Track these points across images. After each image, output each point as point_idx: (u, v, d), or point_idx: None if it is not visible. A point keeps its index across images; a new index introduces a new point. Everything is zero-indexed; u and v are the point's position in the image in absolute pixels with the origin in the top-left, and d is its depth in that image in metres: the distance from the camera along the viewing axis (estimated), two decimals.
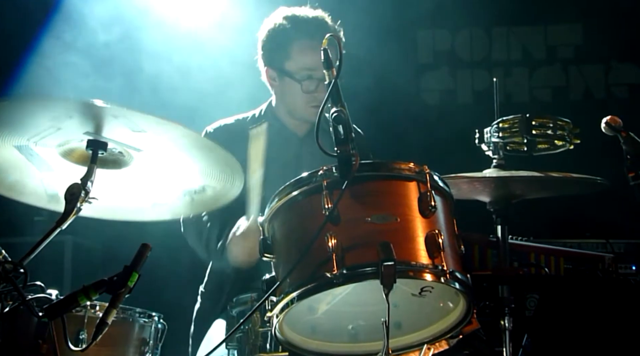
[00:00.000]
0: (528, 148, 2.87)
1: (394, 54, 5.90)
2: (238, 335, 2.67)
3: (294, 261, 2.18)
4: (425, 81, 6.40)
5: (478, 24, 6.32)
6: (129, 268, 2.25)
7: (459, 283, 2.19)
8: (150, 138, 2.31)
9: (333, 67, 2.31)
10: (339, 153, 2.22)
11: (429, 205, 2.21)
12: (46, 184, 2.46)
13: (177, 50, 4.66)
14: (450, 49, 6.40)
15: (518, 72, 6.34)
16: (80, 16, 4.61)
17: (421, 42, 6.44)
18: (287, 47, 3.38)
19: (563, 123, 2.90)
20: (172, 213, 2.61)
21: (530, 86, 6.32)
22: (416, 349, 2.34)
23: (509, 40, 6.36)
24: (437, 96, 6.42)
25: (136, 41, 4.55)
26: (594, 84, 6.25)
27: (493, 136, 2.91)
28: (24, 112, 2.20)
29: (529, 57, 6.34)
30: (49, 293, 2.43)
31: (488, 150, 2.94)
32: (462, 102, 6.36)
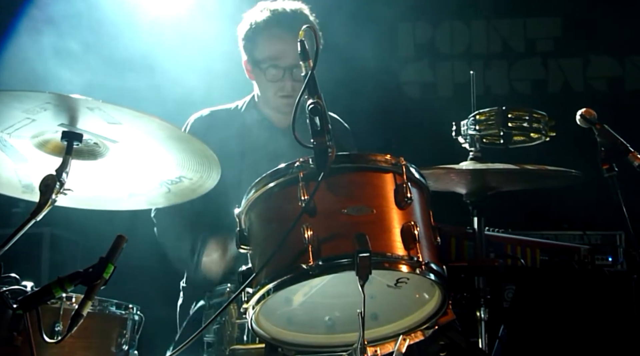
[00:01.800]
0: (504, 141, 2.88)
1: (374, 47, 5.90)
2: (215, 327, 2.67)
3: (270, 252, 2.18)
4: (406, 73, 6.41)
5: (458, 16, 6.34)
6: (104, 260, 2.24)
7: (434, 274, 2.20)
8: (126, 130, 2.30)
9: (310, 58, 2.31)
10: (315, 145, 2.22)
11: (405, 197, 2.22)
12: (20, 175, 2.45)
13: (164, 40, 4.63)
14: (430, 42, 6.42)
15: (497, 64, 6.37)
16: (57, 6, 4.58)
17: (402, 35, 6.44)
18: (255, 37, 3.40)
19: (539, 116, 2.91)
20: (149, 203, 2.60)
21: (510, 79, 6.35)
22: (392, 340, 2.35)
23: (489, 33, 6.39)
24: (418, 88, 6.43)
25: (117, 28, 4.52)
26: (573, 77, 6.29)
27: (470, 129, 2.92)
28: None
29: (508, 50, 6.36)
30: (23, 285, 2.42)
31: (465, 143, 2.95)
32: (443, 94, 6.38)
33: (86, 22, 4.47)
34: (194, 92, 4.40)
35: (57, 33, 4.53)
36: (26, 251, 4.75)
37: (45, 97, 2.12)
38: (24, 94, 2.13)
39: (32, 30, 4.64)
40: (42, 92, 2.11)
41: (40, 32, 4.56)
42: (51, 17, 4.58)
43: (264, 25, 3.38)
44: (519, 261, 3.33)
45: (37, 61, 4.47)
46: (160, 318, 3.42)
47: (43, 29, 4.56)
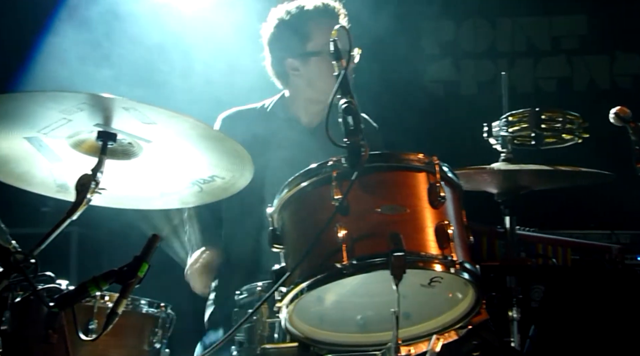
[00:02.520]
0: (536, 142, 2.87)
1: (398, 45, 5.89)
2: (246, 326, 2.68)
3: (304, 251, 2.19)
4: (430, 72, 6.39)
5: (483, 15, 6.31)
6: (138, 258, 2.26)
7: (468, 274, 2.20)
8: (160, 129, 2.31)
9: (342, 58, 2.31)
10: (348, 144, 2.22)
11: (439, 196, 2.22)
12: (55, 175, 2.47)
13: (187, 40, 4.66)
14: (454, 40, 6.39)
15: (522, 63, 6.33)
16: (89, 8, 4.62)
17: (425, 33, 6.42)
18: (305, 29, 3.37)
19: (572, 117, 2.90)
20: (181, 202, 2.61)
21: (535, 77, 6.31)
22: (425, 339, 2.35)
23: (514, 31, 6.35)
24: (442, 87, 6.41)
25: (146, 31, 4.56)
26: (599, 74, 6.24)
27: (502, 130, 2.90)
28: (34, 105, 2.20)
29: (533, 48, 6.32)
30: (58, 283, 2.45)
31: (496, 143, 2.94)
32: (466, 93, 6.35)
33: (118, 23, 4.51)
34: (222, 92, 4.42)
35: (90, 33, 4.58)
36: (55, 250, 4.78)
37: (81, 97, 2.14)
38: (61, 95, 2.15)
39: (65, 31, 4.69)
40: (79, 93, 2.13)
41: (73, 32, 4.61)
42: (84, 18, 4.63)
43: (315, 14, 3.37)
44: (550, 260, 3.31)
45: (71, 61, 4.52)
46: (187, 315, 3.44)
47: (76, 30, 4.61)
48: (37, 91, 2.16)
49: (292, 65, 3.44)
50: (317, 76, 3.39)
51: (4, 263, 2.19)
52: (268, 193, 3.22)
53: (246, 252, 3.40)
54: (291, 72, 3.46)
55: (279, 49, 3.45)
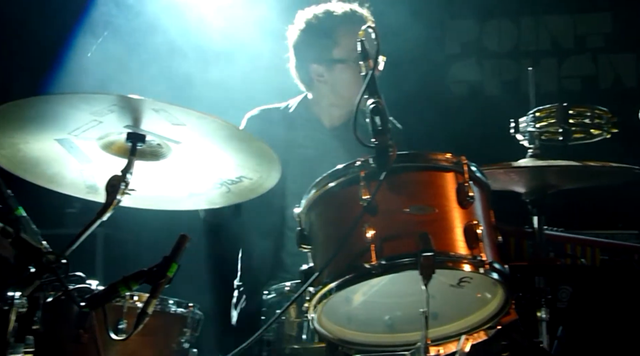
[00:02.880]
0: (563, 137, 2.85)
1: (421, 46, 5.88)
2: (274, 326, 2.69)
3: (332, 252, 2.19)
4: (453, 72, 6.37)
5: (506, 14, 6.28)
6: (168, 259, 2.28)
7: (497, 274, 2.19)
8: (188, 130, 2.33)
9: (369, 58, 2.32)
10: (376, 144, 2.22)
11: (467, 196, 2.22)
12: (85, 176, 2.49)
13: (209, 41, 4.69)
14: (477, 40, 6.37)
15: (547, 62, 6.29)
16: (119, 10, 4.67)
17: (448, 33, 6.41)
18: (332, 36, 3.38)
19: (601, 112, 2.88)
20: (209, 202, 2.63)
21: (560, 76, 6.27)
22: (454, 339, 2.34)
23: (538, 30, 6.31)
24: (465, 87, 6.39)
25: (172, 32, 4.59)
26: (624, 72, 6.19)
27: (529, 126, 2.89)
28: (66, 107, 2.23)
29: (557, 47, 6.28)
30: (89, 283, 2.46)
31: (523, 140, 2.92)
32: (490, 93, 6.32)
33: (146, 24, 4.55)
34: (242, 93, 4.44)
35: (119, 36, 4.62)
36: (81, 251, 4.83)
37: (112, 99, 2.16)
38: (92, 96, 2.17)
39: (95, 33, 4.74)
40: (110, 94, 2.15)
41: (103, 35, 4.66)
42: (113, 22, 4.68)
43: (342, 21, 3.37)
44: (579, 260, 3.29)
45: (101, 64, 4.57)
46: (212, 315, 3.46)
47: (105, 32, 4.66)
48: (69, 93, 2.18)
49: (317, 71, 3.44)
50: (341, 83, 3.41)
51: (37, 263, 2.21)
52: (289, 192, 3.25)
53: (268, 250, 3.42)
54: (315, 78, 3.47)
55: (305, 54, 3.46)
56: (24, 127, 2.27)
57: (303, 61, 3.47)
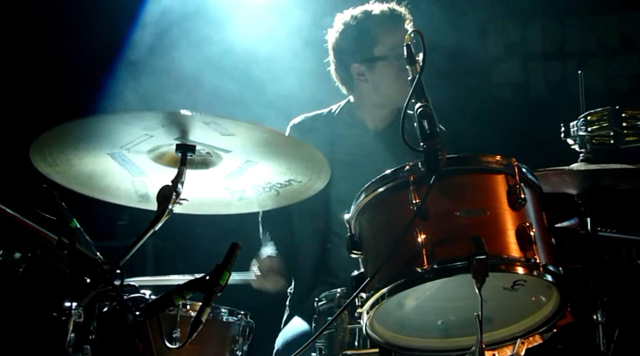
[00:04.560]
0: (615, 141, 2.80)
1: (464, 47, 5.85)
2: (327, 332, 2.69)
3: (383, 257, 2.19)
4: (497, 74, 6.32)
5: (550, 15, 6.21)
6: (220, 267, 2.30)
7: (552, 276, 2.17)
8: (238, 140, 2.35)
9: (416, 62, 2.31)
10: (425, 148, 2.22)
11: (519, 198, 2.19)
12: (137, 186, 2.53)
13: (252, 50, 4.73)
14: (521, 41, 6.30)
15: (593, 62, 6.20)
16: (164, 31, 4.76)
17: (491, 35, 6.35)
18: (372, 34, 3.39)
19: None
20: (259, 206, 2.66)
21: (606, 76, 6.17)
22: (509, 343, 2.31)
23: (583, 30, 6.23)
24: (509, 88, 6.32)
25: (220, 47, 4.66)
26: None
27: (580, 130, 2.85)
28: (118, 125, 2.28)
29: (603, 47, 6.19)
30: (143, 293, 2.49)
31: (574, 144, 2.88)
32: (535, 94, 6.25)
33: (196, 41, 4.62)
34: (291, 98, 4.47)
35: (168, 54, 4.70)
36: (131, 261, 4.90)
37: (164, 115, 2.20)
38: (145, 114, 2.22)
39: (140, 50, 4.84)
40: (161, 111, 2.20)
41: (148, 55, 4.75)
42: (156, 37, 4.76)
43: (380, 19, 3.38)
44: (635, 262, 3.22)
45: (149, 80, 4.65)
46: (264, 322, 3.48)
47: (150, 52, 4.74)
48: (122, 112, 2.23)
49: (358, 70, 3.45)
50: (383, 81, 3.41)
51: (92, 274, 2.25)
52: (333, 197, 3.25)
53: (314, 256, 3.43)
54: (356, 78, 3.48)
55: (345, 54, 3.48)
56: (77, 145, 2.33)
57: (344, 62, 3.49)
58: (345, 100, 3.61)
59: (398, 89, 3.35)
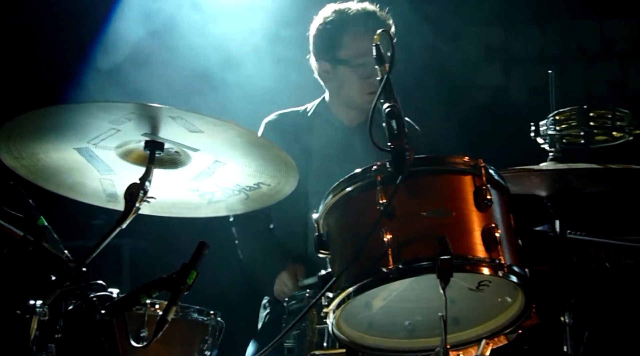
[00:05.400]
0: (585, 140, 2.81)
1: (445, 51, 5.86)
2: (295, 332, 2.69)
3: (350, 256, 2.19)
4: (478, 78, 6.34)
5: (531, 19, 6.23)
6: (187, 266, 2.29)
7: (517, 277, 2.17)
8: (207, 138, 2.34)
9: (385, 63, 2.31)
10: (392, 148, 2.22)
11: (485, 199, 2.20)
12: (105, 185, 2.51)
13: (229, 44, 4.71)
14: (502, 45, 6.33)
15: (573, 67, 6.23)
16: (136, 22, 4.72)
17: (473, 40, 6.37)
18: (339, 37, 3.40)
19: (622, 114, 2.84)
20: (228, 210, 2.64)
21: (586, 81, 6.20)
22: (475, 344, 2.32)
23: (564, 35, 6.26)
24: (490, 92, 6.34)
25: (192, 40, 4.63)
26: None
27: (549, 129, 2.86)
28: (85, 116, 2.26)
29: (584, 52, 6.22)
30: (110, 292, 2.48)
31: (544, 143, 2.89)
32: (516, 98, 6.27)
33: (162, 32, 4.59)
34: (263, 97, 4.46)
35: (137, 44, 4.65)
36: (107, 262, 4.86)
37: (129, 107, 2.18)
38: (110, 105, 2.20)
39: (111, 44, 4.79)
40: (127, 102, 2.18)
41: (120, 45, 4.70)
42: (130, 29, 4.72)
43: (351, 23, 3.38)
44: (603, 264, 3.24)
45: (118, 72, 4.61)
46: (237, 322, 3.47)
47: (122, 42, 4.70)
48: (86, 102, 2.21)
49: (325, 67, 3.49)
50: (344, 84, 3.45)
51: (57, 271, 2.24)
52: (312, 194, 3.25)
53: (294, 253, 3.42)
54: (324, 75, 3.51)
55: (317, 49, 3.50)
56: (42, 136, 2.30)
57: (316, 56, 3.51)
58: (319, 98, 3.62)
59: (359, 94, 3.40)
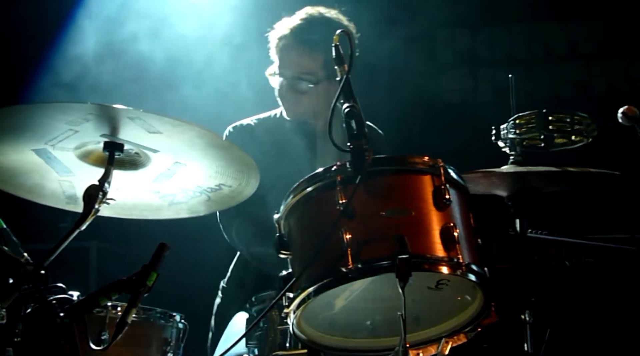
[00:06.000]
0: (545, 144, 2.85)
1: (413, 55, 5.90)
2: (258, 333, 2.68)
3: (310, 256, 2.19)
4: (446, 80, 6.38)
5: (498, 22, 6.29)
6: (147, 268, 2.28)
7: (475, 276, 2.18)
8: (166, 139, 2.33)
9: (344, 63, 2.32)
10: (352, 148, 2.22)
11: (444, 198, 2.21)
12: (64, 187, 2.49)
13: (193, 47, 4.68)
14: (470, 48, 6.38)
15: (539, 69, 6.29)
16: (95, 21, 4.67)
17: (440, 42, 6.42)
18: (272, 49, 3.43)
19: (580, 118, 2.87)
20: (190, 211, 2.63)
21: (552, 83, 6.27)
22: (434, 343, 2.33)
23: (530, 37, 6.32)
24: (459, 95, 6.39)
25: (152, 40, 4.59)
26: (616, 79, 6.18)
27: (510, 133, 2.89)
28: (41, 117, 2.24)
29: (550, 54, 6.28)
30: (70, 294, 2.45)
31: (505, 146, 2.93)
32: (484, 100, 6.32)
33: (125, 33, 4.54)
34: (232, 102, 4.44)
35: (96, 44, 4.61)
36: (74, 265, 4.83)
37: (87, 108, 2.17)
38: (67, 105, 2.18)
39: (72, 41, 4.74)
40: (84, 103, 2.16)
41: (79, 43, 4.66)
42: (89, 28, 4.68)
43: (274, 36, 3.40)
44: (563, 263, 3.27)
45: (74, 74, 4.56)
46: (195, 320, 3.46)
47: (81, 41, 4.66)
48: (42, 102, 2.19)
49: (270, 71, 3.48)
50: (276, 92, 3.45)
51: (15, 274, 2.21)
52: (281, 196, 3.25)
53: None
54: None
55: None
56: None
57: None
58: None
59: (286, 105, 3.42)
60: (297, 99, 3.36)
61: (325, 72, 3.29)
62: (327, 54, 3.09)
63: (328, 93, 3.32)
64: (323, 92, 3.33)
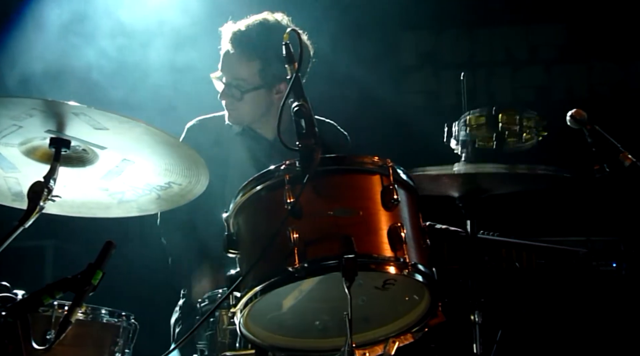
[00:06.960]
0: (497, 143, 2.86)
1: (376, 57, 5.91)
2: (208, 333, 2.66)
3: (257, 255, 2.18)
4: (409, 82, 6.40)
5: (461, 25, 6.33)
6: (92, 266, 2.25)
7: (422, 276, 2.19)
8: (113, 136, 2.30)
9: (295, 61, 2.31)
10: (300, 147, 2.21)
11: (392, 198, 2.21)
12: (10, 183, 2.45)
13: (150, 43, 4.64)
14: (433, 51, 6.40)
15: (501, 72, 6.34)
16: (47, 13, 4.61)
17: (404, 44, 6.44)
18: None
19: (529, 116, 2.89)
20: (140, 210, 2.60)
21: (513, 86, 6.32)
22: (382, 343, 2.33)
23: (492, 40, 6.37)
24: (421, 97, 6.41)
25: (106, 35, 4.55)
26: (577, 83, 6.25)
27: (461, 132, 2.90)
28: None
29: (511, 58, 6.33)
30: (14, 293, 2.41)
31: (457, 146, 2.93)
32: (446, 103, 6.35)
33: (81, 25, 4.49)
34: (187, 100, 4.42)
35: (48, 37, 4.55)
36: (29, 264, 4.75)
37: (30, 103, 2.13)
38: (9, 100, 2.14)
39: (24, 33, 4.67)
40: (27, 98, 2.13)
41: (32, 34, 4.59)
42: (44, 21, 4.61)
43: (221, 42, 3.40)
44: (514, 264, 3.29)
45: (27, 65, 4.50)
46: (155, 325, 3.42)
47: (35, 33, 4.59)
48: None
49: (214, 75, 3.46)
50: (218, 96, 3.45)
51: None
52: (229, 199, 3.23)
53: (216, 258, 3.38)
54: None
55: None
56: None
57: None
58: None
59: (226, 110, 3.42)
60: (232, 104, 3.35)
61: (262, 80, 3.28)
62: (265, 62, 3.12)
63: (266, 101, 3.34)
64: (260, 100, 3.31)
